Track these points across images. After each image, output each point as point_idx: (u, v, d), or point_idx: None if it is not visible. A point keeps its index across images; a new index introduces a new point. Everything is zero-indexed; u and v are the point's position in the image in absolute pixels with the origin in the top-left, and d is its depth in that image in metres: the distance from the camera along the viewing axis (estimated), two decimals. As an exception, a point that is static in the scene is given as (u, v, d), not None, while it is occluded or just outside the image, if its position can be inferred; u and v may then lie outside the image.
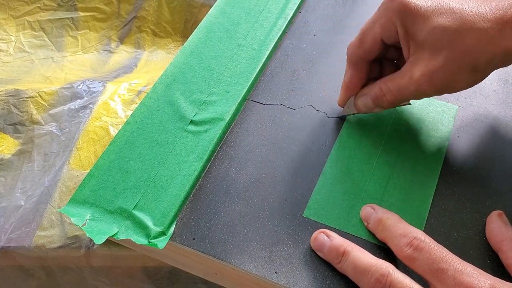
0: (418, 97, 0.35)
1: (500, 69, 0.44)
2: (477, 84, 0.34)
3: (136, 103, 0.46)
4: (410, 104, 0.38)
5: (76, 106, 0.46)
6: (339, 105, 0.40)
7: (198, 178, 0.37)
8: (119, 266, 0.40)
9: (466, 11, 0.32)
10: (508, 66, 0.44)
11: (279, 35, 0.46)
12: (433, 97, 0.41)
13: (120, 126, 0.40)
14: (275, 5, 0.49)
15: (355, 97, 0.38)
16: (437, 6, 0.32)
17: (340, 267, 0.31)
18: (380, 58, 0.38)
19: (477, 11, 0.32)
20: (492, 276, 0.28)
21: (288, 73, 0.44)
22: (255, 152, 0.38)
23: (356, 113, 0.39)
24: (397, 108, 0.41)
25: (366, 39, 0.35)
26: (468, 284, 0.27)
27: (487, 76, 0.34)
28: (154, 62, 0.55)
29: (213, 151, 0.38)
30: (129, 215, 0.34)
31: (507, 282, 0.28)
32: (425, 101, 0.41)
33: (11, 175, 0.42)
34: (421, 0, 0.33)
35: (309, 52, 0.45)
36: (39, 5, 0.58)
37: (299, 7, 0.49)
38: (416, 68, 0.33)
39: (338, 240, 0.32)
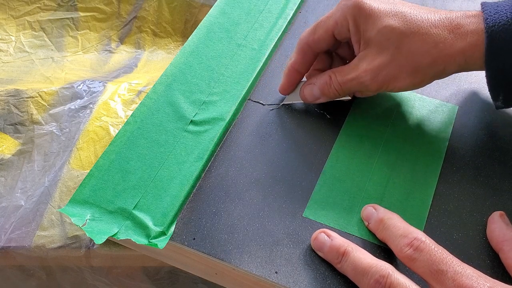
0: (361, 91, 0.38)
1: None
2: (416, 88, 0.36)
3: (136, 103, 0.46)
4: (350, 99, 0.39)
5: (76, 106, 0.46)
6: (280, 90, 0.41)
7: (198, 178, 0.36)
8: (119, 266, 0.40)
9: (416, 16, 0.34)
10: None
11: (279, 35, 0.46)
12: (433, 97, 0.41)
13: (120, 126, 0.40)
14: (275, 5, 0.49)
15: (303, 85, 0.40)
16: (389, 8, 0.35)
17: (340, 267, 0.31)
18: (331, 53, 0.41)
19: (426, 17, 0.34)
20: (491, 279, 0.28)
21: (288, 73, 0.44)
22: (255, 152, 0.38)
23: (298, 102, 0.41)
24: (397, 108, 0.41)
25: (318, 30, 0.38)
26: (467, 286, 0.27)
27: (427, 83, 0.36)
28: (154, 62, 0.55)
29: (213, 151, 0.38)
30: (129, 215, 0.34)
31: (506, 285, 0.28)
32: (425, 101, 0.41)
33: (11, 175, 0.42)
34: (375, 2, 0.35)
35: (309, 52, 0.45)
36: (39, 5, 0.58)
37: (299, 7, 0.49)
38: (362, 63, 0.36)
39: (338, 240, 0.32)
